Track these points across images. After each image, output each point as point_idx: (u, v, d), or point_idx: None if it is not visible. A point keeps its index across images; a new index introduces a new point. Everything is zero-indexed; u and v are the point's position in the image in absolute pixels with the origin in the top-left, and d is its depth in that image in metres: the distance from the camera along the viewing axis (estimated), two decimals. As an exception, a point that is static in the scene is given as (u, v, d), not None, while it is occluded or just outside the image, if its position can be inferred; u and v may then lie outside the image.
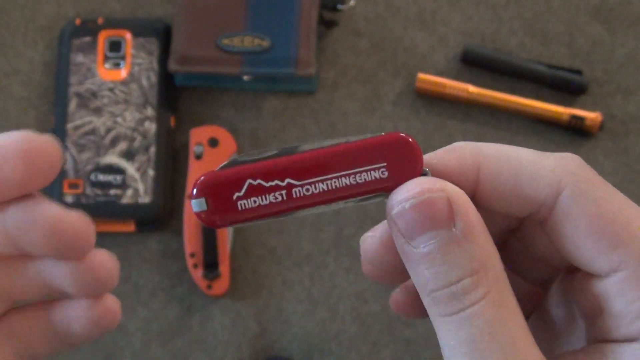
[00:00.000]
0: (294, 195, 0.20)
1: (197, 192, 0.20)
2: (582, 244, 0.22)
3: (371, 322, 0.58)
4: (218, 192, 0.20)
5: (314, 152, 0.20)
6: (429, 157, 0.23)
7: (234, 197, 0.20)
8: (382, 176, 0.21)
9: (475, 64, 0.60)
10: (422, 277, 0.21)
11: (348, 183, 0.20)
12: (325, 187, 0.20)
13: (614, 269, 0.21)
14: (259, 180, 0.20)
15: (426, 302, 0.21)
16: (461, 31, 0.61)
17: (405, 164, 0.21)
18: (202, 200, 0.20)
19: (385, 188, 0.21)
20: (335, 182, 0.20)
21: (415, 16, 0.62)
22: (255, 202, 0.20)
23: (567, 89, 0.60)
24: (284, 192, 0.20)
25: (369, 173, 0.20)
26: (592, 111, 0.59)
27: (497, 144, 0.23)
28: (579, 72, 0.60)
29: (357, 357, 0.57)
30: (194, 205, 0.21)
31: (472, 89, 0.59)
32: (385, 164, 0.21)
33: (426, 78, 0.59)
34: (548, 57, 0.61)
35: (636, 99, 0.60)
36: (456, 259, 0.21)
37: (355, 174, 0.20)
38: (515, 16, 0.61)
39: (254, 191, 0.20)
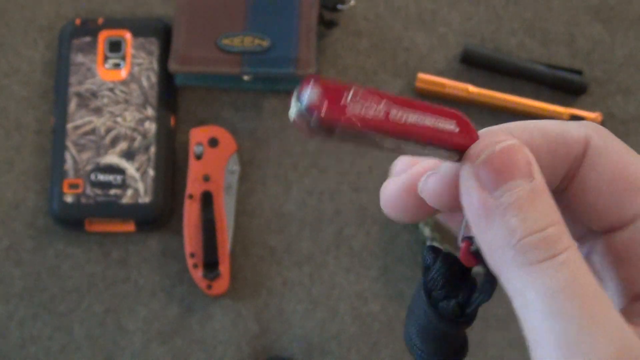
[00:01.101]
0: (391, 118, 0.21)
1: (313, 83, 0.20)
2: (607, 191, 0.23)
3: (371, 322, 0.58)
4: (330, 89, 0.20)
5: (406, 97, 0.22)
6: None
7: (343, 99, 0.20)
8: (455, 130, 0.22)
9: (475, 64, 0.60)
10: (509, 226, 0.21)
11: (431, 125, 0.22)
12: (415, 119, 0.21)
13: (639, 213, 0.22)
14: (362, 91, 0.21)
15: (509, 254, 0.21)
16: (461, 31, 0.61)
17: (468, 130, 0.23)
18: (317, 90, 0.20)
19: (457, 145, 0.22)
20: (423, 118, 0.22)
21: (415, 16, 0.62)
22: (360, 108, 0.20)
23: (567, 89, 0.60)
24: (383, 110, 0.21)
25: (444, 124, 0.22)
26: (592, 111, 0.59)
27: (520, 121, 0.24)
28: (579, 72, 0.60)
29: (357, 357, 0.57)
30: (306, 97, 0.20)
31: (472, 89, 0.59)
32: (455, 121, 0.22)
33: (426, 78, 0.59)
34: (548, 57, 0.61)
35: (636, 99, 0.60)
36: (542, 207, 0.21)
37: (437, 118, 0.22)
38: (515, 16, 0.61)
39: (359, 99, 0.20)
